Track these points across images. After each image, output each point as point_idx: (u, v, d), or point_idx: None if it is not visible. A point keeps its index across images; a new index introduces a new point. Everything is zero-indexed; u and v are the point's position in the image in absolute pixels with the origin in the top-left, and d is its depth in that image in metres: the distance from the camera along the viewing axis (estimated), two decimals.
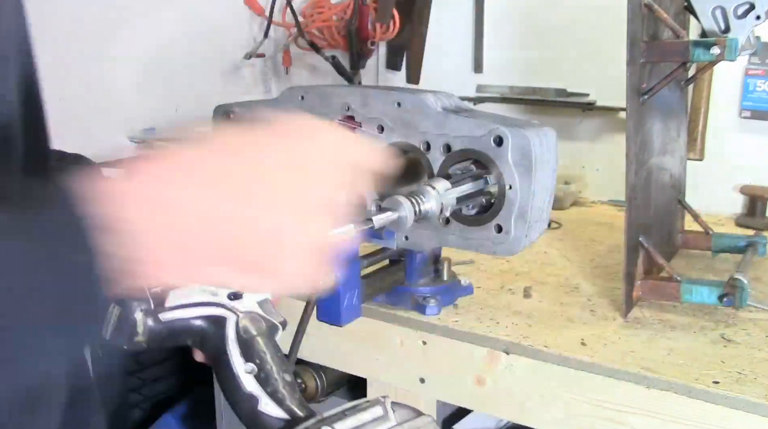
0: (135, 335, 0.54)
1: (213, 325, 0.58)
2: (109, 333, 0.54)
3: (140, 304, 0.54)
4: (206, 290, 0.58)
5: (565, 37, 1.73)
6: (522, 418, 0.91)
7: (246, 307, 0.59)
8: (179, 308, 0.56)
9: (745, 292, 0.93)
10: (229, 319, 0.58)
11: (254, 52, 1.98)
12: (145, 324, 0.54)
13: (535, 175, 0.80)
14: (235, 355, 0.57)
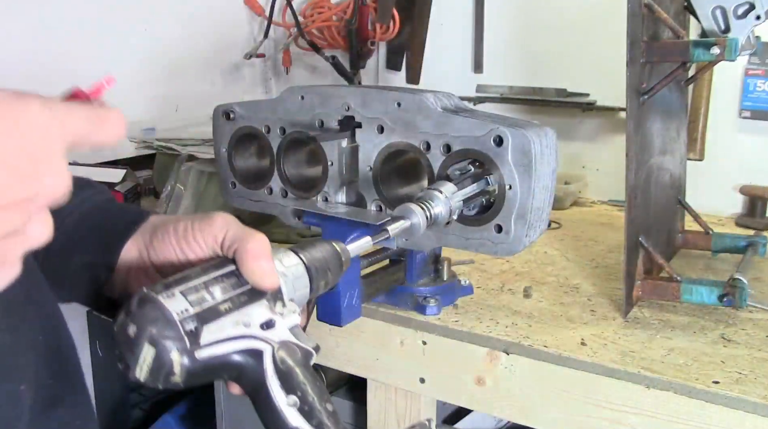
0: (171, 375, 0.52)
1: (250, 359, 0.56)
2: (143, 375, 0.52)
3: (175, 344, 0.52)
4: (239, 322, 0.56)
5: (565, 37, 1.73)
6: (522, 418, 0.91)
7: (280, 336, 0.57)
8: (215, 344, 0.54)
9: (745, 292, 0.93)
10: (266, 352, 0.56)
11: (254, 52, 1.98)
12: (182, 364, 0.52)
13: (535, 175, 0.80)
14: (276, 388, 0.56)
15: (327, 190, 0.94)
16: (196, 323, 0.53)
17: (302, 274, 0.61)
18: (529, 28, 1.79)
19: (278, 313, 0.58)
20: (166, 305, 0.52)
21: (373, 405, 1.05)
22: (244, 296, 0.57)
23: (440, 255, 1.02)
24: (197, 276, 0.56)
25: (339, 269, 0.65)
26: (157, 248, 0.64)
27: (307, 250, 0.62)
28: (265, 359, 0.56)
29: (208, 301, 0.55)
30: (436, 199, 0.78)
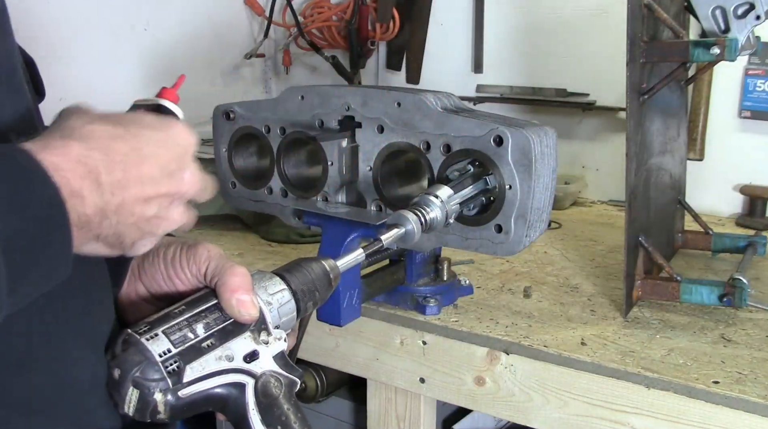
0: (157, 413, 0.54)
1: (233, 392, 0.58)
2: (131, 411, 0.54)
3: (158, 385, 0.54)
4: (222, 356, 0.58)
5: (565, 37, 1.73)
6: (522, 418, 0.91)
7: (263, 367, 0.59)
8: (197, 381, 0.56)
9: (745, 292, 0.93)
10: (248, 385, 0.58)
11: (254, 52, 1.98)
12: (166, 403, 0.54)
13: (535, 175, 0.80)
14: (257, 422, 0.58)
15: (327, 190, 0.94)
16: (179, 362, 0.55)
17: (288, 300, 0.62)
18: (529, 28, 1.79)
19: (262, 342, 0.60)
20: (148, 347, 0.55)
21: (373, 405, 1.05)
22: (228, 330, 0.59)
23: (440, 255, 1.02)
24: (180, 313, 0.58)
25: (328, 287, 0.65)
26: (148, 271, 0.66)
27: (293, 274, 0.63)
28: (247, 392, 0.58)
29: (191, 339, 0.57)
30: (431, 204, 0.78)
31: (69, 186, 0.46)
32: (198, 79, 1.90)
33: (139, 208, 0.52)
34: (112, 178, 0.49)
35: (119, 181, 0.50)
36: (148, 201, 0.52)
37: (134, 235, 0.53)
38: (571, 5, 1.71)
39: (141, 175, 0.52)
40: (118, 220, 0.51)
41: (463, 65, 1.88)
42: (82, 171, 0.48)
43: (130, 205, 0.51)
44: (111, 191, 0.49)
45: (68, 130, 0.50)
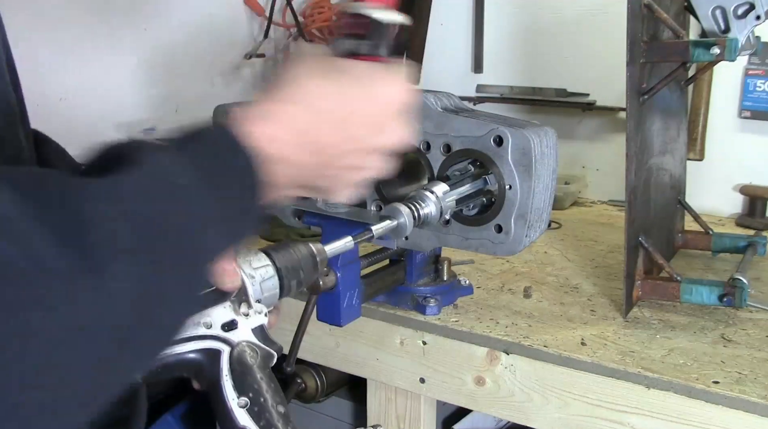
0: None
1: (207, 358, 0.58)
2: None
3: None
4: (200, 323, 0.58)
5: (565, 37, 1.73)
6: (522, 418, 0.91)
7: (240, 337, 0.59)
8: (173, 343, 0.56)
9: (745, 292, 0.93)
10: (224, 352, 0.58)
11: (254, 52, 1.98)
12: None
13: (535, 175, 0.80)
14: (229, 389, 0.57)
15: None
16: None
17: (271, 276, 0.62)
18: (529, 28, 1.79)
19: (242, 313, 0.60)
20: None
21: (373, 405, 1.05)
22: (208, 297, 0.59)
23: (440, 255, 1.02)
24: None
25: (313, 269, 0.65)
26: None
27: (278, 252, 0.63)
28: (222, 359, 0.58)
29: None
30: (426, 199, 0.78)
31: (280, 152, 0.51)
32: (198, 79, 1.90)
33: (340, 161, 0.57)
34: (318, 138, 0.54)
35: (324, 140, 0.55)
36: (350, 154, 0.57)
37: (334, 184, 0.59)
38: (571, 5, 1.71)
39: (345, 133, 0.56)
40: (319, 173, 0.56)
41: (463, 65, 1.88)
42: (291, 135, 0.52)
43: (332, 160, 0.56)
44: (316, 151, 0.54)
45: (291, 87, 0.55)
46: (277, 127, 0.52)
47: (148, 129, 1.66)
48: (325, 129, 0.55)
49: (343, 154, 0.57)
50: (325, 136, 0.55)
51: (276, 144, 0.51)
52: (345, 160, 0.57)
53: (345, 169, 0.58)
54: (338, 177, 0.59)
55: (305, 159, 0.54)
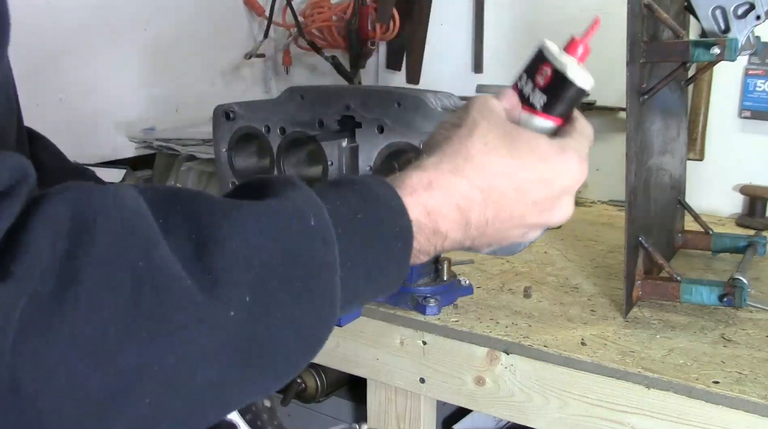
0: None
1: None
2: None
3: None
4: None
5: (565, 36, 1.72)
6: (522, 418, 0.91)
7: None
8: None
9: (745, 292, 0.93)
10: None
11: (254, 52, 1.98)
12: None
13: None
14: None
15: None
16: None
17: None
18: (529, 28, 1.78)
19: None
20: None
21: (373, 405, 1.05)
22: None
23: (440, 255, 1.02)
24: None
25: None
26: None
27: None
28: None
29: None
30: None
31: (435, 226, 0.50)
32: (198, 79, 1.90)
33: (498, 236, 0.55)
34: (482, 217, 0.53)
35: (488, 219, 0.53)
36: (510, 230, 0.55)
37: (486, 247, 0.57)
38: (571, 5, 1.70)
39: (512, 213, 0.54)
40: (472, 245, 0.55)
41: (463, 65, 1.88)
42: (456, 215, 0.51)
43: (489, 236, 0.55)
44: (476, 228, 0.53)
45: (463, 158, 0.52)
46: (439, 202, 0.50)
47: (148, 129, 1.66)
48: (491, 209, 0.53)
49: (503, 231, 0.55)
50: (489, 215, 0.53)
51: (434, 217, 0.50)
52: (503, 235, 0.56)
53: (496, 241, 0.57)
54: (493, 244, 0.57)
55: (459, 237, 0.53)
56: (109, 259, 0.33)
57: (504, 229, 0.55)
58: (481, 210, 0.52)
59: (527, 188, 0.54)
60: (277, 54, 2.10)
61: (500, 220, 0.54)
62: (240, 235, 0.38)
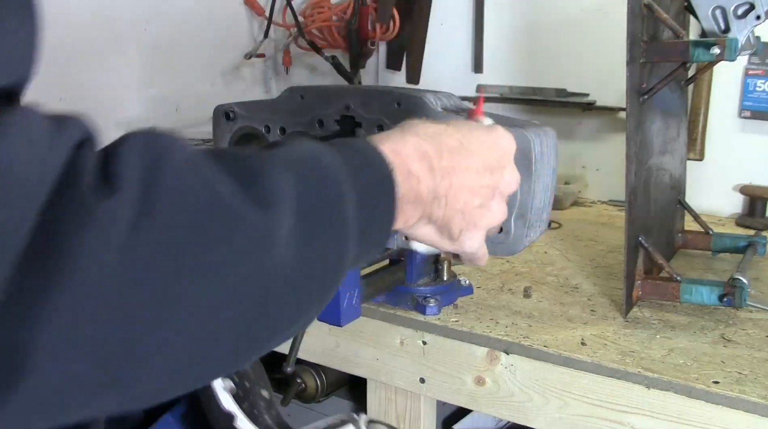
0: None
1: None
2: None
3: None
4: None
5: (565, 37, 1.73)
6: (522, 418, 0.91)
7: None
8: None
9: (745, 292, 0.93)
10: None
11: (254, 52, 1.98)
12: None
13: (535, 175, 0.80)
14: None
15: None
16: None
17: None
18: (529, 28, 1.79)
19: None
20: None
21: (373, 405, 1.05)
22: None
23: (440, 255, 1.02)
24: None
25: None
26: None
27: None
28: None
29: None
30: None
31: (406, 166, 0.53)
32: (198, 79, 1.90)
33: (465, 196, 0.58)
34: (442, 164, 0.56)
35: (447, 167, 0.57)
36: (473, 191, 0.59)
37: (461, 223, 0.59)
38: (571, 5, 1.71)
39: (467, 166, 0.58)
40: (447, 202, 0.57)
41: (463, 65, 1.88)
42: (417, 156, 0.55)
43: (457, 190, 0.58)
44: (441, 175, 0.56)
45: (406, 127, 0.58)
46: (399, 145, 0.54)
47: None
48: (446, 157, 0.57)
49: (463, 186, 0.58)
50: (446, 162, 0.57)
51: (399, 157, 0.53)
52: (466, 195, 0.59)
53: (469, 206, 0.59)
54: (465, 214, 0.59)
55: (427, 176, 0.55)
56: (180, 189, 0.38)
57: (466, 186, 0.58)
58: (438, 159, 0.56)
59: (472, 147, 0.59)
60: (277, 54, 2.10)
61: (460, 172, 0.58)
62: (278, 170, 0.44)
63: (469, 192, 0.59)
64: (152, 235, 0.36)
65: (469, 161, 0.59)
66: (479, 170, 0.60)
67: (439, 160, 0.56)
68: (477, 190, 0.60)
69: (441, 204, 0.57)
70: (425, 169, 0.55)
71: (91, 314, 0.34)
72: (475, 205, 0.60)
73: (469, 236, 0.61)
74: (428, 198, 0.56)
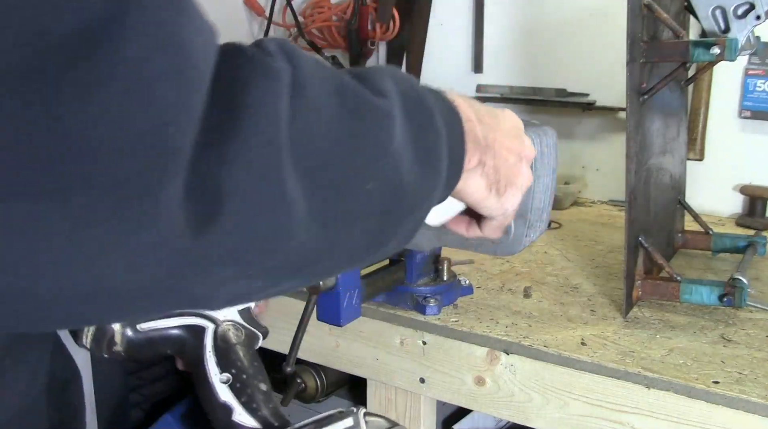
0: (113, 345, 0.54)
1: (192, 335, 0.58)
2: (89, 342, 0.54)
3: None
4: None
5: (565, 36, 1.73)
6: (522, 418, 0.91)
7: (226, 316, 0.59)
8: (157, 318, 0.56)
9: (745, 292, 0.93)
10: (208, 329, 0.58)
11: None
12: (123, 334, 0.54)
13: (535, 175, 0.79)
14: (212, 364, 0.57)
15: None
16: None
17: None
18: (529, 28, 1.79)
19: None
20: None
21: (373, 405, 1.05)
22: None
23: (440, 255, 1.02)
24: None
25: None
26: None
27: None
28: (206, 336, 0.58)
29: None
30: None
31: (464, 112, 0.55)
32: None
33: (504, 152, 0.60)
34: (485, 122, 0.59)
35: (488, 123, 0.59)
36: (509, 149, 0.61)
37: (506, 176, 0.61)
38: (571, 5, 1.71)
39: (502, 128, 0.61)
40: (495, 154, 0.59)
41: (463, 65, 1.88)
42: (466, 105, 0.57)
43: (500, 145, 0.60)
44: (487, 130, 0.58)
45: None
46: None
47: None
48: (485, 114, 0.60)
49: (503, 144, 0.60)
50: (487, 119, 0.59)
51: (455, 101, 0.56)
52: (506, 152, 0.60)
53: (508, 162, 0.61)
54: (506, 167, 0.61)
55: (477, 123, 0.57)
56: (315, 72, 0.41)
57: (505, 144, 0.60)
58: (479, 116, 0.58)
59: (497, 114, 0.62)
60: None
61: (497, 129, 0.60)
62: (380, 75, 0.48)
63: (507, 149, 0.61)
64: (305, 102, 0.39)
65: (500, 123, 0.61)
66: (508, 132, 0.62)
67: (482, 119, 0.58)
68: (511, 149, 0.61)
69: (490, 154, 0.58)
70: (474, 118, 0.57)
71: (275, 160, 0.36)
72: (511, 163, 0.61)
73: (512, 193, 0.63)
74: (483, 143, 0.57)
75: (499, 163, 0.59)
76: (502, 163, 0.60)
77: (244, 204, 0.35)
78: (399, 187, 0.46)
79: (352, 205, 0.42)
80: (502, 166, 0.60)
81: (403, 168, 0.46)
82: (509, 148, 0.61)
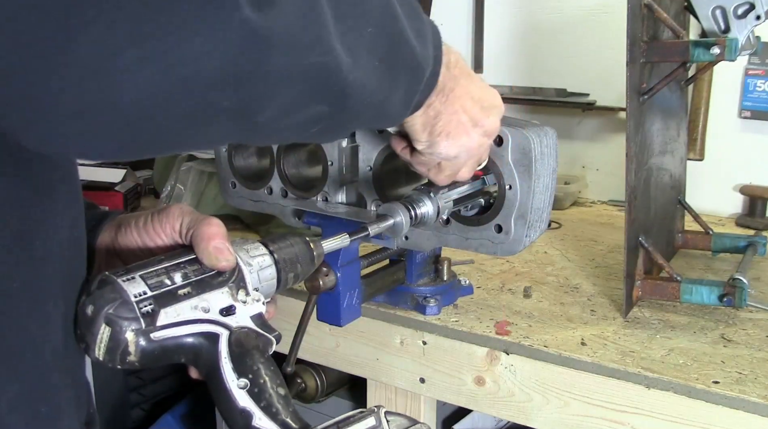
0: (127, 355, 0.53)
1: (206, 342, 0.57)
2: (101, 354, 0.53)
3: (131, 324, 0.53)
4: (198, 306, 0.57)
5: (565, 37, 1.73)
6: (522, 418, 0.91)
7: (239, 322, 0.59)
8: (171, 327, 0.55)
9: (745, 292, 0.93)
10: (222, 335, 0.57)
11: None
12: (137, 344, 0.53)
13: (535, 175, 0.80)
14: (228, 370, 0.56)
15: (327, 190, 0.94)
16: (154, 305, 0.54)
17: (269, 265, 0.62)
18: (529, 28, 1.79)
19: (240, 300, 0.60)
20: (124, 287, 0.54)
21: (373, 405, 1.05)
22: (205, 281, 0.58)
23: (440, 255, 1.02)
24: (159, 262, 0.58)
25: (310, 264, 0.66)
26: (121, 242, 0.66)
27: (275, 243, 0.64)
28: (220, 342, 0.57)
29: (168, 285, 0.56)
30: (423, 199, 0.78)
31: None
32: None
33: (457, 107, 0.66)
34: (453, 71, 0.64)
35: (456, 75, 0.65)
36: (464, 108, 0.67)
37: (447, 124, 0.67)
38: (571, 5, 1.71)
39: (468, 87, 0.66)
40: (446, 102, 0.65)
41: None
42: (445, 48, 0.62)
43: (455, 97, 0.65)
44: (453, 82, 0.64)
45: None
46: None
47: None
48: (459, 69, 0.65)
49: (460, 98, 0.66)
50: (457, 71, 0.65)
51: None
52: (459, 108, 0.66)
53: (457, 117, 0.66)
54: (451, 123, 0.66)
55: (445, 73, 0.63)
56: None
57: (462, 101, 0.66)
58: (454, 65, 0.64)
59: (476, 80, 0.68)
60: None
61: (463, 86, 0.66)
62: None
63: (461, 107, 0.66)
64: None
65: (471, 85, 0.67)
66: (474, 98, 0.67)
67: (454, 66, 0.64)
68: (468, 110, 0.67)
69: (441, 99, 0.64)
70: (450, 65, 0.63)
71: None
72: (461, 120, 0.67)
73: (446, 144, 0.68)
74: (439, 86, 0.63)
75: (446, 112, 0.65)
76: (450, 115, 0.66)
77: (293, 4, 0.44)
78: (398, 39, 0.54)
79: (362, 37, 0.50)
80: (447, 116, 0.66)
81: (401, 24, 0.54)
82: (465, 108, 0.67)
